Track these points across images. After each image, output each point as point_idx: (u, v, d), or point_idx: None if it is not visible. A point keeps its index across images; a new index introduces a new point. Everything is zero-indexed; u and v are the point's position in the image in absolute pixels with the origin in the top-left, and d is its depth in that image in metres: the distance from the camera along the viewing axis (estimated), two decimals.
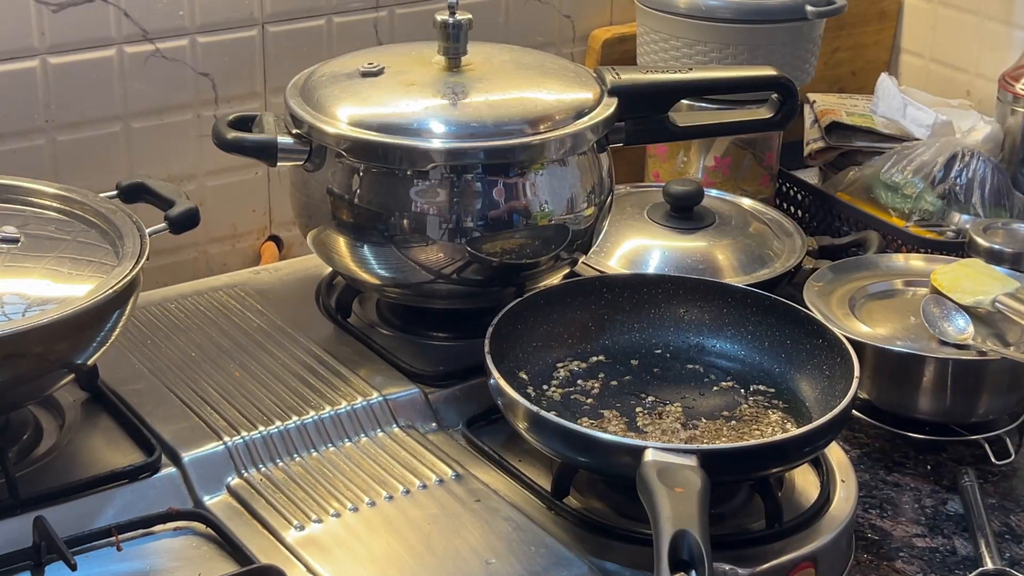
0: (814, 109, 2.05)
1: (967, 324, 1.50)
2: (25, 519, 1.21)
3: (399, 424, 1.40)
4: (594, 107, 1.46)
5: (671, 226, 1.72)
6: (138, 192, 1.43)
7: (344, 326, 1.53)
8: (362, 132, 1.39)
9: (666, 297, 1.46)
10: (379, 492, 1.30)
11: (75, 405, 1.38)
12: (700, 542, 1.08)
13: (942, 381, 1.47)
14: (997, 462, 1.47)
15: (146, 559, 1.22)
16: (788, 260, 1.69)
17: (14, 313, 1.22)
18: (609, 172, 1.50)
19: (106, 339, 1.28)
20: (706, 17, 1.84)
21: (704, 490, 1.14)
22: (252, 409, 1.38)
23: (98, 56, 1.65)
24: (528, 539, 1.24)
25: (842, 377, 1.31)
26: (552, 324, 1.43)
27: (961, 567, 1.33)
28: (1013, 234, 1.71)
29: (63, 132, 1.66)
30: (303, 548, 1.22)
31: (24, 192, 1.40)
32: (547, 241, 1.44)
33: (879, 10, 2.21)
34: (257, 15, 1.75)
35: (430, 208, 1.40)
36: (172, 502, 1.27)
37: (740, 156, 1.90)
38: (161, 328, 1.52)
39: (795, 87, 1.57)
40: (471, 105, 1.42)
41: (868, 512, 1.41)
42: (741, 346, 1.44)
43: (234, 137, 1.43)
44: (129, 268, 1.27)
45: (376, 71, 1.46)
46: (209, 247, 1.80)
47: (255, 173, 1.80)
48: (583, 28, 2.01)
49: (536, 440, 1.27)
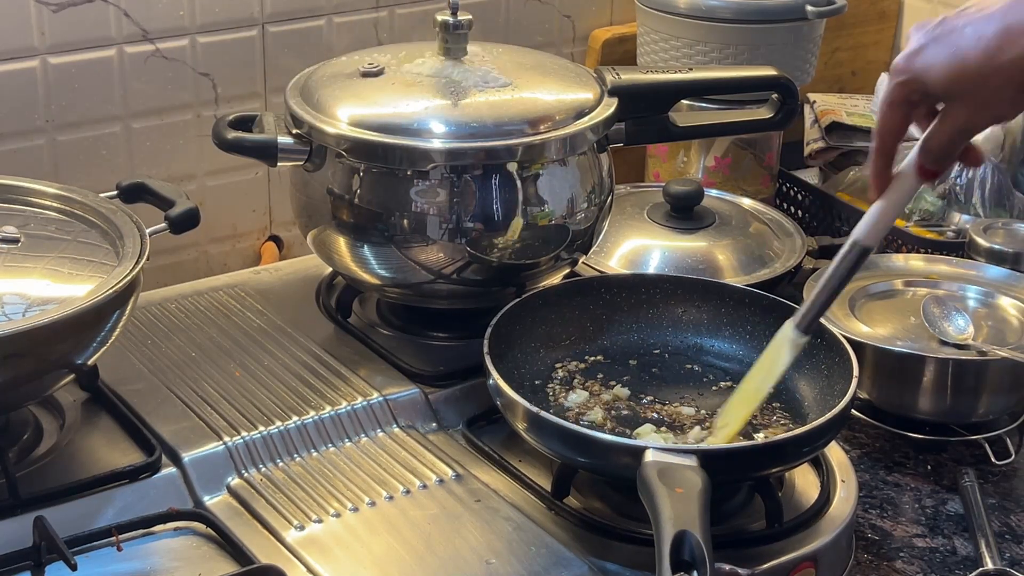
0: (814, 109, 2.05)
1: (967, 324, 1.50)
2: (25, 519, 1.21)
3: (399, 424, 1.40)
4: (594, 107, 1.46)
5: (671, 226, 1.72)
6: (138, 192, 1.43)
7: (344, 326, 1.53)
8: (362, 132, 1.39)
9: (664, 297, 1.46)
10: (379, 492, 1.30)
11: (75, 405, 1.38)
12: (701, 543, 1.08)
13: (942, 381, 1.47)
14: (997, 462, 1.47)
15: (146, 559, 1.22)
16: (788, 260, 1.69)
17: (14, 313, 1.22)
18: (609, 172, 1.50)
19: (106, 339, 1.28)
20: (706, 17, 1.84)
21: (705, 490, 1.14)
22: (252, 409, 1.38)
23: (98, 56, 1.65)
24: (528, 539, 1.24)
25: (841, 377, 1.31)
26: (551, 324, 1.43)
27: (961, 567, 1.33)
28: (1013, 234, 1.71)
29: (63, 132, 1.66)
30: (303, 548, 1.22)
31: (24, 192, 1.40)
32: (547, 241, 1.44)
33: (879, 10, 2.21)
34: (257, 15, 1.75)
35: (430, 208, 1.40)
36: (172, 502, 1.27)
37: (740, 156, 1.90)
38: (161, 328, 1.52)
39: (795, 87, 1.57)
40: (471, 105, 1.42)
41: (868, 512, 1.41)
42: (739, 346, 1.44)
43: (234, 137, 1.43)
44: (129, 268, 1.27)
45: (376, 71, 1.46)
46: (209, 247, 1.80)
47: (255, 173, 1.80)
48: (583, 28, 2.01)
49: (535, 440, 1.27)
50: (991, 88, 1.06)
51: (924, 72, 1.08)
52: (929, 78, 1.08)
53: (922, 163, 1.14)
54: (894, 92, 1.11)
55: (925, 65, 1.08)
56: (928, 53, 1.08)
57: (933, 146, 1.12)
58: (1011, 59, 1.04)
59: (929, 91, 1.10)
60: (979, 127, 1.11)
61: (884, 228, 1.19)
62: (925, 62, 1.08)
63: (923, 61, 1.08)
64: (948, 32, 1.07)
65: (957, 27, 1.07)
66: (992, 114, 1.10)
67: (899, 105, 1.12)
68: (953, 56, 1.06)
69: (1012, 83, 1.05)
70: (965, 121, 1.10)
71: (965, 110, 1.09)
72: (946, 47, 1.07)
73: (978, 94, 1.07)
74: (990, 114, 1.10)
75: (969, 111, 1.09)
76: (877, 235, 1.18)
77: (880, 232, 1.19)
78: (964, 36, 1.06)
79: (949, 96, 1.09)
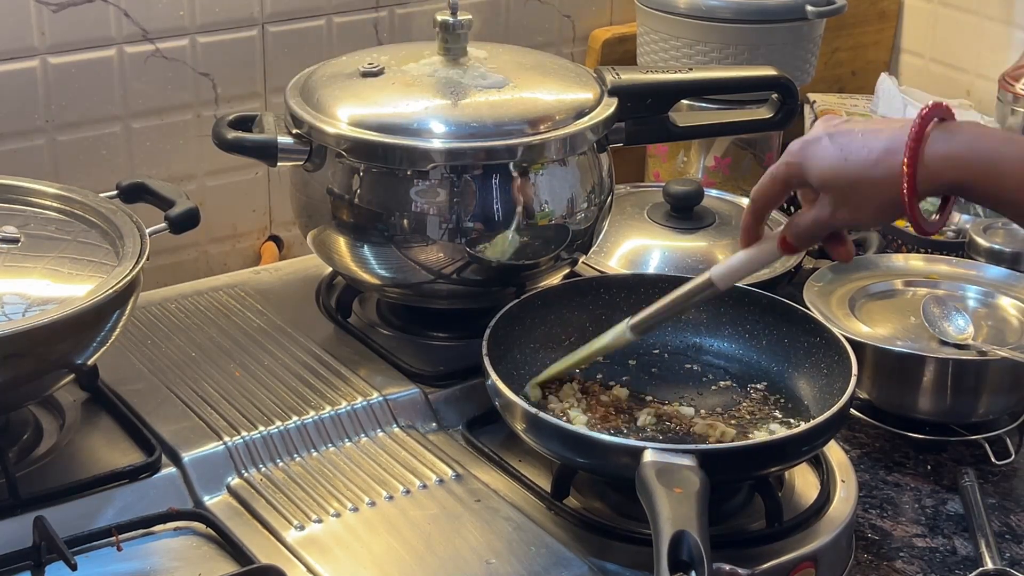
0: (814, 109, 2.05)
1: (967, 324, 1.50)
2: (25, 519, 1.21)
3: (399, 424, 1.40)
4: (594, 107, 1.46)
5: (671, 226, 1.72)
6: (138, 192, 1.43)
7: (344, 326, 1.53)
8: (362, 132, 1.39)
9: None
10: (379, 492, 1.30)
11: (75, 405, 1.38)
12: (700, 543, 1.08)
13: (942, 381, 1.47)
14: (997, 462, 1.47)
15: (146, 559, 1.22)
16: (788, 260, 1.69)
17: (14, 313, 1.23)
18: (609, 172, 1.50)
19: (106, 339, 1.28)
20: (706, 17, 1.84)
21: (703, 490, 1.14)
22: (252, 409, 1.38)
23: (98, 56, 1.65)
24: (528, 539, 1.24)
25: (840, 375, 1.31)
26: (550, 325, 1.43)
27: (961, 567, 1.33)
28: (1013, 234, 1.71)
29: (63, 132, 1.66)
30: (303, 548, 1.22)
31: (24, 192, 1.40)
32: (547, 241, 1.44)
33: (879, 10, 2.21)
34: (257, 15, 1.75)
35: (430, 208, 1.40)
36: (172, 502, 1.27)
37: (740, 156, 1.90)
38: (161, 328, 1.52)
39: (795, 87, 1.57)
40: (471, 105, 1.42)
41: (868, 512, 1.41)
42: (739, 345, 1.44)
43: (234, 137, 1.43)
44: (129, 268, 1.27)
45: (376, 71, 1.46)
46: (209, 247, 1.80)
47: (255, 173, 1.80)
48: (583, 28, 2.01)
49: (534, 441, 1.27)
50: (861, 194, 1.16)
51: (808, 160, 1.18)
52: (809, 169, 1.18)
53: (785, 236, 1.23)
54: (779, 169, 1.21)
55: (812, 156, 1.18)
56: (819, 146, 1.18)
57: (798, 227, 1.21)
58: (883, 174, 1.14)
59: (807, 180, 1.19)
60: (839, 224, 1.20)
61: (739, 277, 1.28)
62: (814, 153, 1.18)
63: (812, 151, 1.18)
64: (845, 133, 1.17)
65: (854, 132, 1.17)
66: (852, 216, 1.18)
67: (780, 181, 1.22)
68: (838, 154, 1.16)
69: (879, 196, 1.15)
70: (830, 215, 1.18)
71: (832, 205, 1.18)
72: (837, 145, 1.17)
73: (848, 195, 1.17)
74: (852, 216, 1.18)
75: (835, 206, 1.18)
76: (730, 281, 1.28)
77: (733, 279, 1.28)
78: (854, 140, 1.16)
79: (823, 188, 1.18)
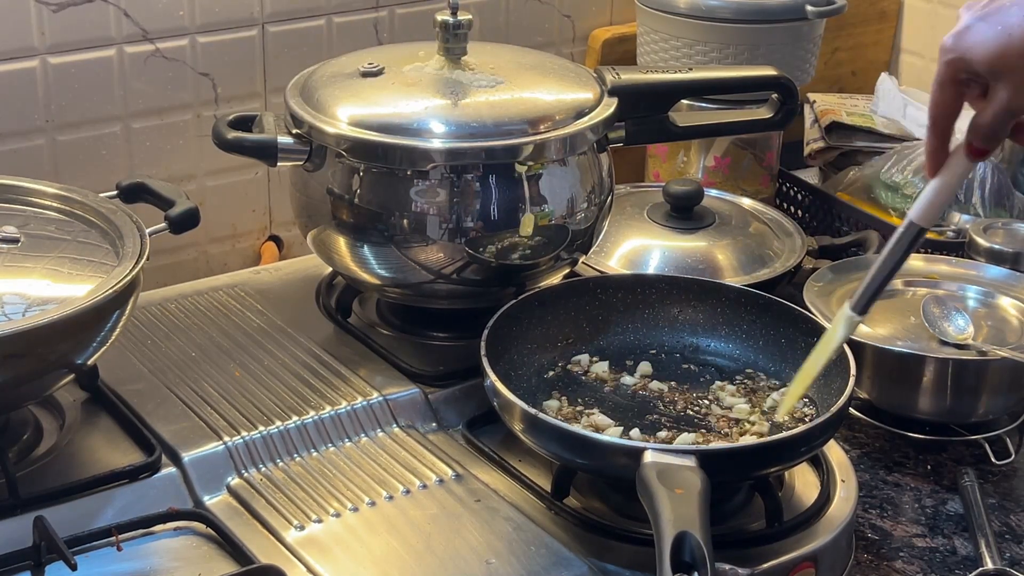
0: (814, 109, 2.05)
1: (967, 324, 1.51)
2: (25, 519, 1.21)
3: (399, 424, 1.40)
4: (594, 107, 1.46)
5: (671, 226, 1.71)
6: (138, 192, 1.43)
7: (344, 326, 1.53)
8: (362, 132, 1.39)
9: (660, 297, 1.46)
10: (379, 492, 1.30)
11: (75, 405, 1.38)
12: (702, 543, 1.08)
13: (942, 381, 1.47)
14: (997, 462, 1.47)
15: (146, 559, 1.22)
16: (788, 260, 1.69)
17: (14, 313, 1.23)
18: (609, 172, 1.50)
19: (106, 339, 1.28)
20: (706, 17, 1.84)
21: (704, 491, 1.14)
22: (252, 409, 1.38)
23: (98, 56, 1.65)
24: (528, 539, 1.24)
25: (839, 375, 1.31)
26: (548, 325, 1.43)
27: (961, 567, 1.33)
28: (1013, 234, 1.71)
29: (63, 132, 1.66)
30: (303, 548, 1.22)
31: (24, 192, 1.40)
32: (547, 241, 1.44)
33: (879, 10, 2.21)
34: (257, 15, 1.75)
35: (430, 208, 1.40)
36: (172, 502, 1.27)
37: (740, 156, 1.90)
38: (161, 328, 1.52)
39: (795, 87, 1.57)
40: (471, 105, 1.42)
41: (868, 512, 1.41)
42: (736, 345, 1.44)
43: (234, 137, 1.43)
44: (129, 268, 1.27)
45: (376, 71, 1.46)
46: (209, 247, 1.80)
47: (255, 173, 1.80)
48: (583, 28, 2.01)
49: (533, 442, 1.26)
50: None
51: (970, 50, 1.09)
52: (974, 56, 1.09)
53: (971, 142, 1.13)
54: (942, 71, 1.12)
55: (971, 43, 1.09)
56: (975, 31, 1.08)
57: (980, 126, 1.12)
58: None
59: (974, 69, 1.10)
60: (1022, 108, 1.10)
61: (939, 207, 1.18)
62: (972, 40, 1.09)
63: (970, 39, 1.09)
64: (996, 11, 1.08)
65: (1005, 6, 1.08)
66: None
67: (948, 84, 1.12)
68: (1000, 34, 1.07)
69: None
70: (1008, 100, 1.09)
71: (1009, 89, 1.09)
72: (993, 25, 1.08)
73: (1023, 73, 1.08)
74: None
75: (1013, 90, 1.09)
76: (933, 214, 1.17)
77: (935, 211, 1.17)
78: (1011, 14, 1.07)
79: (994, 75, 1.09)
